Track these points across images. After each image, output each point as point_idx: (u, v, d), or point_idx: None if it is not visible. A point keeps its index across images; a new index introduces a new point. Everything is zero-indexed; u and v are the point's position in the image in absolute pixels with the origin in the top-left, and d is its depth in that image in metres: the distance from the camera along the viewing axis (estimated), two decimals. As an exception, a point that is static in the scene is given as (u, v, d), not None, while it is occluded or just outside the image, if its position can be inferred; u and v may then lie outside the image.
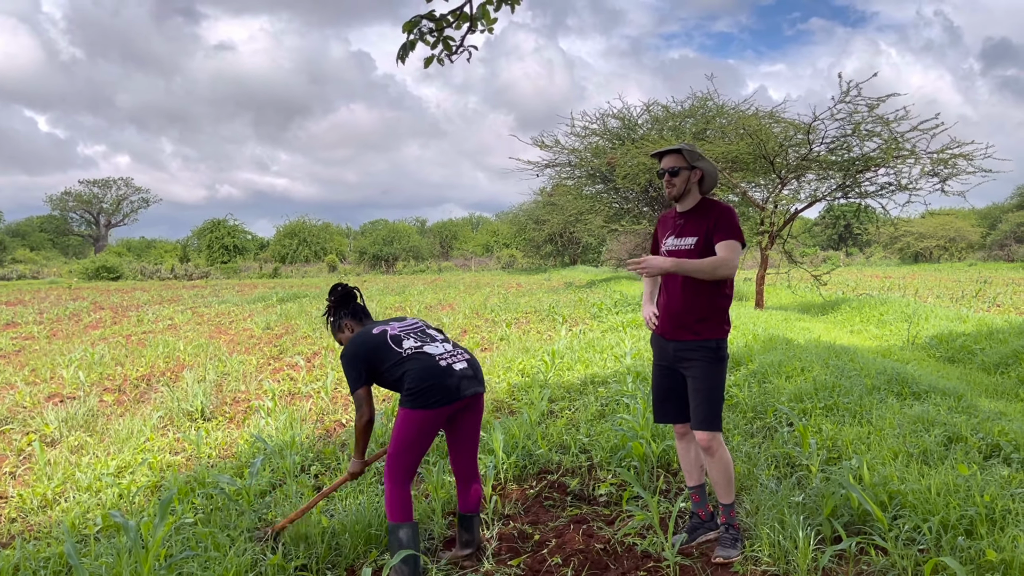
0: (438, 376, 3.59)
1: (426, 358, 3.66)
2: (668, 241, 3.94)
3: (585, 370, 9.02)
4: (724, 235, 3.80)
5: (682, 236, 3.89)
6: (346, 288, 4.10)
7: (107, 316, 19.43)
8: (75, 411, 7.34)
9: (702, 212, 3.87)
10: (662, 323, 3.95)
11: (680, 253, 3.84)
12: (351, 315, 4.06)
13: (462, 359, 3.75)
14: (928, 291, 23.73)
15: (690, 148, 3.87)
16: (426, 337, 3.82)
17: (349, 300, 4.08)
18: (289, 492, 4.60)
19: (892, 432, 5.37)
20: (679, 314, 3.84)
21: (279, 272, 57.32)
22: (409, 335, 3.81)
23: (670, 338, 3.91)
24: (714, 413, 3.80)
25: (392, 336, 3.78)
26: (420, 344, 3.75)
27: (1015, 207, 57.50)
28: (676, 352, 3.90)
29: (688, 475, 4.10)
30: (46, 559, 3.87)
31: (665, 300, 3.96)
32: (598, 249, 59.73)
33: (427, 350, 3.71)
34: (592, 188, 27.85)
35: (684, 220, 3.92)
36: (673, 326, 3.90)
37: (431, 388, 3.56)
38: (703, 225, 3.82)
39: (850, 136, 17.61)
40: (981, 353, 9.80)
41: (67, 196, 77.16)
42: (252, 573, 3.61)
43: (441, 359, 3.68)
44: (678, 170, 3.85)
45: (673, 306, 3.88)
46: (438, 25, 4.85)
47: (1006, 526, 3.56)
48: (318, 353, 11.58)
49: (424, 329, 3.91)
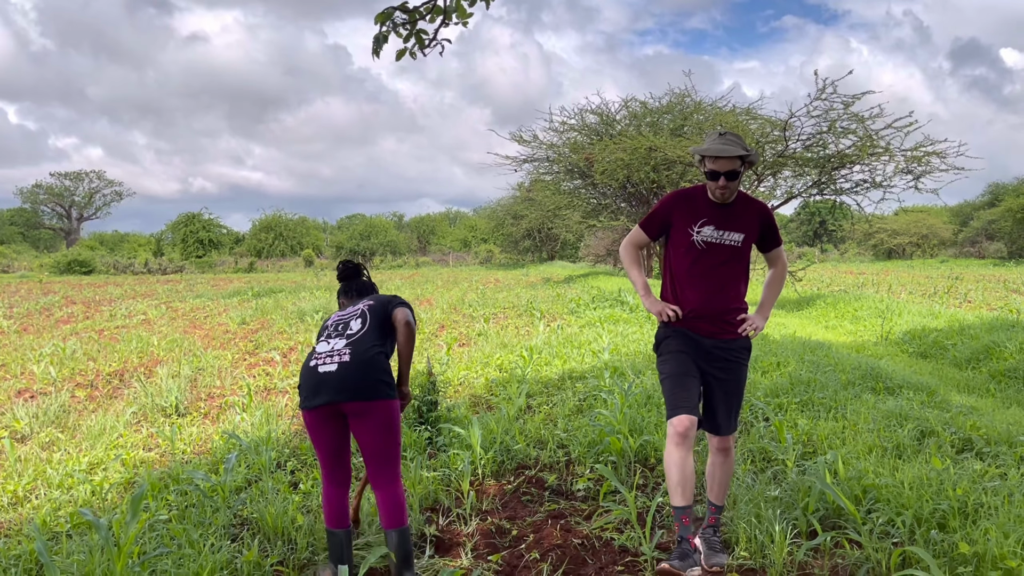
0: (306, 376, 3.49)
1: (309, 356, 3.57)
2: (704, 231, 3.64)
3: (563, 365, 9.03)
4: (776, 241, 3.84)
5: (725, 229, 3.65)
6: (345, 267, 4.09)
7: (79, 311, 19.17)
8: (46, 407, 7.23)
9: (744, 206, 3.71)
10: (694, 320, 3.68)
11: (722, 249, 3.64)
12: (344, 293, 4.06)
13: (335, 362, 3.44)
14: (901, 287, 24.01)
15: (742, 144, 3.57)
16: (335, 331, 3.61)
17: (344, 279, 4.07)
18: (265, 488, 4.56)
19: (866, 427, 5.43)
20: (725, 310, 3.67)
21: (255, 267, 56.84)
22: (332, 326, 3.67)
23: (708, 335, 3.67)
24: (738, 416, 3.83)
25: (324, 326, 3.73)
26: (321, 339, 3.61)
27: (986, 204, 58.30)
28: (714, 350, 3.68)
29: (681, 491, 3.48)
30: (17, 557, 3.81)
31: (701, 296, 3.67)
32: (576, 245, 59.85)
33: (317, 347, 3.57)
34: (570, 184, 27.90)
35: (725, 211, 3.66)
36: (715, 323, 3.68)
37: (300, 387, 3.51)
38: (752, 223, 3.69)
39: (826, 133, 17.80)
40: (953, 349, 9.93)
41: (38, 189, 76.03)
42: (227, 570, 3.58)
43: (315, 358, 3.50)
44: (739, 174, 3.59)
45: (716, 302, 3.66)
46: (411, 17, 4.80)
47: (979, 519, 3.61)
48: (294, 348, 11.49)
49: (351, 319, 3.67)
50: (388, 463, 3.52)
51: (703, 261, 3.66)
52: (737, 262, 3.69)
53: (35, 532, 3.67)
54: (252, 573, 3.58)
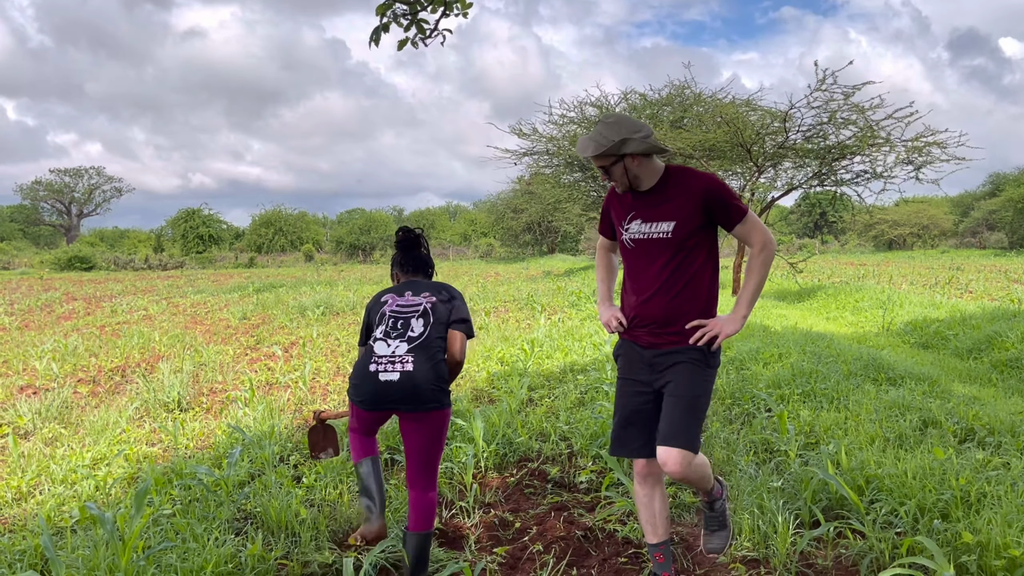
0: (364, 378, 3.40)
1: (368, 355, 3.45)
2: (631, 227, 3.14)
3: (564, 358, 9.03)
4: (734, 215, 3.06)
5: (652, 220, 3.09)
6: (405, 235, 3.85)
7: (80, 307, 19.18)
8: (49, 403, 7.23)
9: (675, 187, 3.07)
10: (635, 330, 3.19)
11: (652, 244, 3.09)
12: (399, 264, 3.84)
13: (396, 371, 3.34)
14: (902, 278, 24.01)
15: (603, 143, 3.02)
16: (394, 331, 3.47)
17: (402, 249, 3.85)
18: (268, 482, 4.57)
19: (868, 417, 5.43)
20: (667, 317, 3.09)
21: (255, 262, 56.83)
22: (392, 319, 3.51)
23: (647, 346, 3.15)
24: (694, 429, 3.01)
25: (382, 313, 3.57)
26: (383, 336, 3.47)
27: (987, 195, 58.26)
28: (654, 360, 3.13)
29: (652, 529, 3.25)
30: (22, 552, 3.82)
31: (636, 296, 3.17)
32: (576, 238, 59.86)
33: (376, 347, 3.44)
34: (570, 177, 27.87)
35: (654, 199, 3.10)
36: (651, 330, 3.13)
37: (357, 387, 3.43)
38: (685, 205, 3.03)
39: (826, 124, 17.76)
40: (954, 339, 9.93)
41: (38, 185, 75.96)
42: (231, 564, 3.58)
43: (376, 362, 3.39)
44: (607, 169, 3.10)
45: (653, 309, 3.11)
46: (412, 8, 4.80)
47: (981, 509, 3.61)
48: (295, 343, 11.50)
49: (413, 317, 3.51)
50: (429, 467, 3.51)
51: (636, 262, 3.17)
52: (676, 257, 3.05)
53: (40, 527, 3.68)
54: (256, 567, 3.59)
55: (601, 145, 3.01)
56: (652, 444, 3.11)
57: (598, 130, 3.06)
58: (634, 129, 3.02)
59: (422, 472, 3.50)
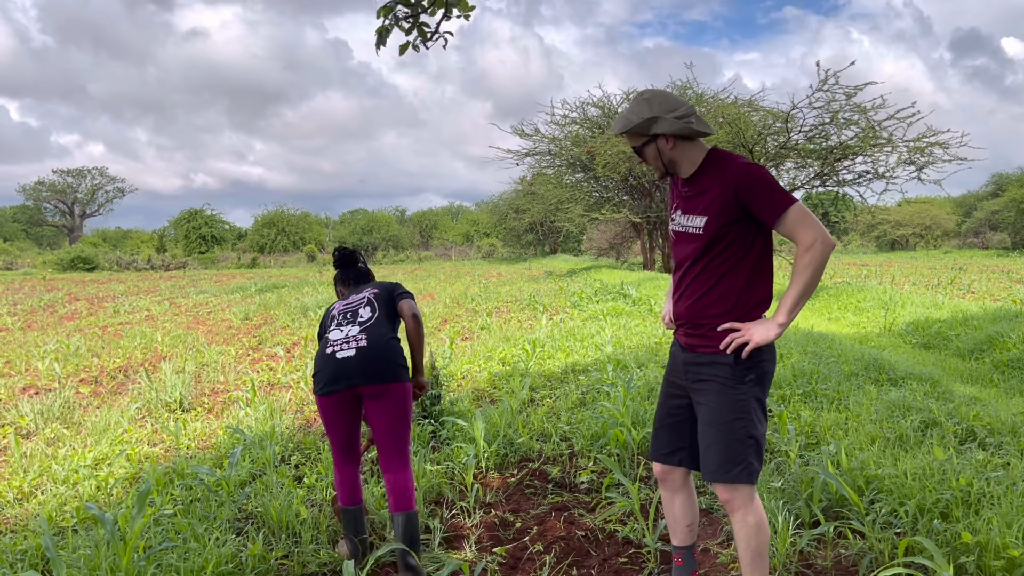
0: (323, 363, 3.57)
1: (324, 344, 3.64)
2: (675, 218, 2.93)
3: (566, 359, 9.03)
4: (771, 207, 2.66)
5: (689, 213, 2.84)
6: (341, 254, 4.14)
7: (83, 307, 19.21)
8: (51, 403, 7.25)
9: (712, 176, 2.77)
10: (677, 328, 3.01)
11: (687, 239, 2.85)
12: (341, 281, 4.12)
13: (352, 348, 3.52)
14: (904, 278, 23.97)
15: (633, 120, 2.78)
16: (349, 318, 3.68)
17: (340, 266, 4.13)
18: (269, 483, 4.58)
19: (869, 418, 5.43)
20: (697, 317, 2.85)
21: (257, 262, 56.91)
22: (340, 315, 3.72)
23: (685, 347, 2.93)
24: (734, 458, 2.73)
25: (331, 315, 3.78)
26: (334, 328, 3.67)
27: (989, 195, 58.22)
28: (687, 367, 2.91)
29: (671, 532, 3.18)
30: (23, 552, 3.83)
31: (676, 298, 2.97)
32: (579, 238, 59.88)
33: (329, 335, 3.65)
34: (572, 177, 27.92)
35: (690, 188, 2.85)
36: (685, 330, 2.93)
37: (316, 375, 3.59)
38: (718, 197, 2.72)
39: (828, 124, 17.76)
40: (956, 339, 9.92)
41: (41, 186, 76.16)
42: (232, 564, 3.59)
43: (332, 345, 3.58)
44: (639, 150, 2.87)
45: (686, 307, 2.89)
46: (413, 11, 4.81)
47: (981, 509, 3.61)
48: (297, 343, 11.51)
49: (359, 307, 3.71)
50: (399, 447, 3.61)
51: (676, 256, 2.97)
52: (705, 256, 2.79)
53: (41, 527, 3.70)
54: (257, 567, 3.60)
55: (630, 122, 2.78)
56: (678, 453, 3.01)
57: (630, 106, 2.84)
58: (669, 107, 2.75)
59: (393, 453, 3.60)
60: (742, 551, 2.79)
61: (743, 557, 2.80)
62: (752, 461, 2.74)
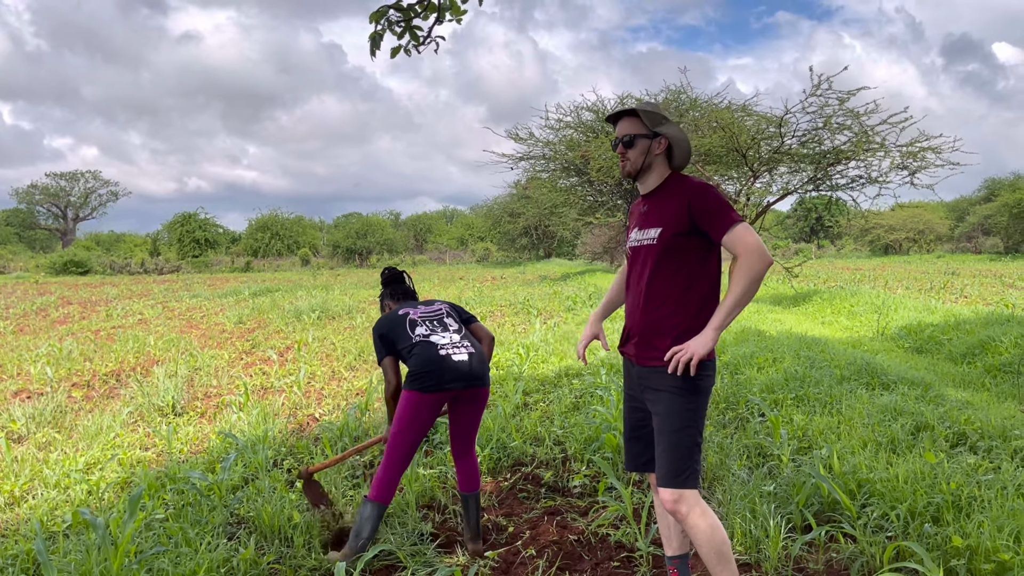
0: (435, 364, 3.74)
1: (430, 346, 3.82)
2: (632, 235, 3.06)
3: (559, 363, 9.04)
4: (719, 222, 2.78)
5: (644, 227, 2.98)
6: (391, 272, 4.38)
7: (75, 311, 19.15)
8: (43, 407, 7.22)
9: (669, 194, 2.93)
10: (626, 340, 3.09)
11: (640, 251, 2.98)
12: (390, 296, 4.32)
13: (464, 352, 3.83)
14: (897, 283, 24.06)
15: (651, 109, 2.95)
16: (439, 326, 3.96)
17: (390, 283, 4.36)
18: (261, 487, 4.57)
19: (861, 422, 5.45)
20: (646, 330, 2.95)
21: (251, 266, 56.80)
22: (425, 322, 3.97)
23: (635, 360, 3.01)
24: (681, 465, 2.82)
25: (410, 320, 3.95)
26: (429, 332, 3.90)
27: (982, 200, 58.44)
28: (640, 380, 3.00)
29: (665, 541, 3.25)
30: (14, 556, 3.81)
31: (628, 308, 3.09)
32: (573, 242, 59.88)
33: (433, 339, 3.86)
34: (567, 181, 27.90)
35: (648, 205, 3.01)
36: (639, 346, 2.98)
37: (427, 374, 3.73)
38: (673, 210, 2.86)
39: (821, 129, 17.82)
40: (948, 343, 9.96)
41: (33, 189, 75.92)
42: (224, 569, 3.59)
43: (442, 349, 3.81)
44: (633, 138, 2.94)
45: (636, 319, 2.99)
46: (405, 15, 4.81)
47: (972, 513, 3.63)
48: (291, 347, 11.50)
49: (443, 317, 4.03)
50: (473, 438, 4.06)
51: (631, 272, 3.08)
52: (660, 266, 2.89)
53: (33, 531, 3.68)
54: (248, 571, 3.59)
55: (650, 106, 2.97)
56: (650, 464, 3.08)
57: (647, 102, 3.06)
58: (677, 125, 3.02)
59: (469, 442, 4.03)
60: (705, 554, 2.83)
61: (708, 560, 2.84)
62: (696, 467, 2.86)
